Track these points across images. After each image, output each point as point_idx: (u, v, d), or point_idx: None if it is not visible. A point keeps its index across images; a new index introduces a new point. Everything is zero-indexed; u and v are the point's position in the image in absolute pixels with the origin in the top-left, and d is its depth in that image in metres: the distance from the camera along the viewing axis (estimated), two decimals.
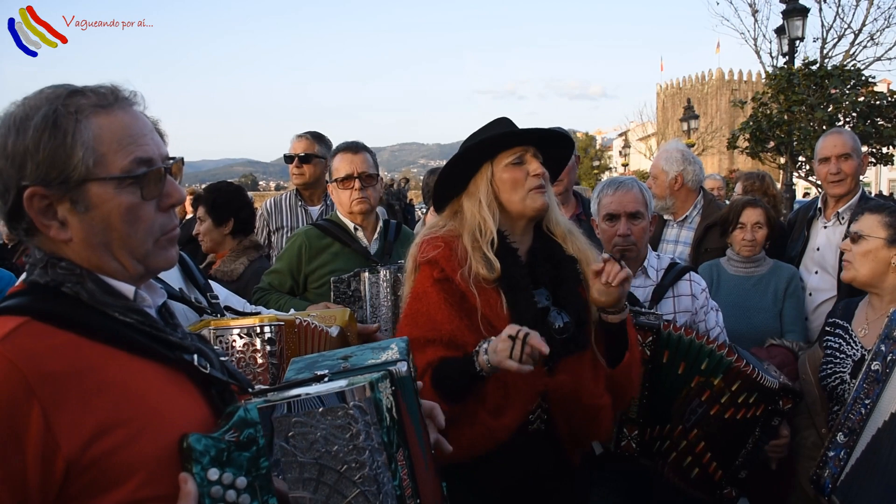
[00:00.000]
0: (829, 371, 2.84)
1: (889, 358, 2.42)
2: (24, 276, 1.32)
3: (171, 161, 1.35)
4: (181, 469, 1.18)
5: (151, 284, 1.43)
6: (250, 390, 1.39)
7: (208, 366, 1.36)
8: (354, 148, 3.54)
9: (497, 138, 2.29)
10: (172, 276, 2.45)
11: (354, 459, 1.29)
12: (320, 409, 1.29)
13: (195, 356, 1.34)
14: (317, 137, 4.66)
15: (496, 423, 2.17)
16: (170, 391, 1.27)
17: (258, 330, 2.24)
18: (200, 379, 1.34)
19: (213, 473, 1.18)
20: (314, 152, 4.60)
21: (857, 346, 2.83)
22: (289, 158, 4.67)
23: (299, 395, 1.31)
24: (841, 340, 2.90)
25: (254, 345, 2.23)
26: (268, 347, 2.24)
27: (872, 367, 2.49)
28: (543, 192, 2.29)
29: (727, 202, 5.80)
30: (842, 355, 2.84)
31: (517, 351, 1.96)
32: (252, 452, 1.23)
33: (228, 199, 4.01)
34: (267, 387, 1.41)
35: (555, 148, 2.41)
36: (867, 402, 2.45)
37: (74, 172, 1.22)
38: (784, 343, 3.34)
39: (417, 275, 2.31)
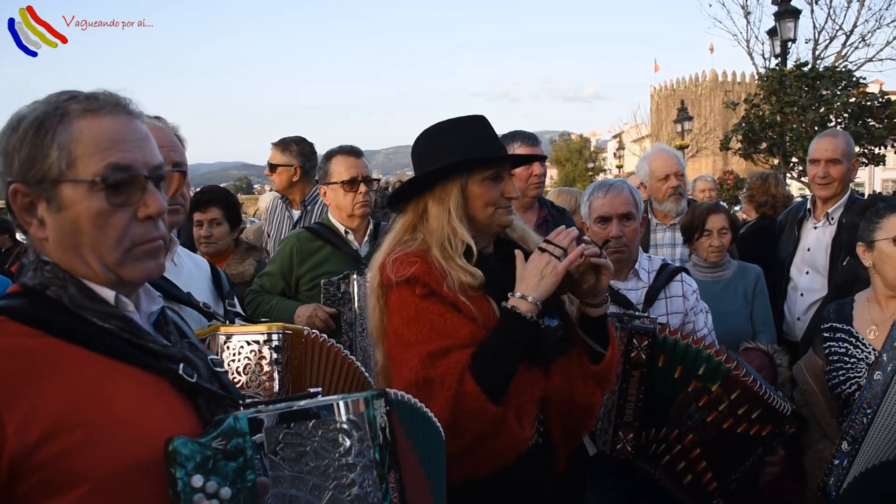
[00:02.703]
0: (841, 378, 2.78)
1: (890, 367, 2.41)
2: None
3: (161, 171, 1.32)
4: (147, 479, 1.15)
5: (149, 290, 1.42)
6: (241, 402, 1.34)
7: (195, 375, 1.33)
8: (356, 152, 3.57)
9: (478, 161, 2.17)
10: (202, 285, 2.50)
11: (345, 476, 1.24)
12: (312, 422, 1.24)
13: (181, 365, 1.31)
14: (281, 145, 4.69)
15: (523, 434, 2.08)
16: (146, 398, 1.24)
17: (266, 337, 2.24)
18: (187, 388, 1.31)
19: (198, 480, 1.14)
20: (278, 161, 4.67)
21: (867, 348, 2.77)
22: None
23: (291, 407, 1.26)
24: (847, 345, 2.83)
25: (261, 352, 2.23)
26: (275, 355, 2.22)
27: (875, 377, 2.46)
28: (510, 211, 2.24)
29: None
30: (852, 360, 2.78)
31: (558, 251, 2.03)
32: (239, 463, 1.19)
33: (238, 205, 4.13)
34: (258, 399, 1.37)
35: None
36: (868, 411, 2.43)
37: (49, 172, 1.23)
38: (759, 346, 3.34)
39: (394, 296, 2.12)
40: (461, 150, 2.16)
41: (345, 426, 1.25)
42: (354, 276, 3.26)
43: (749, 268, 3.88)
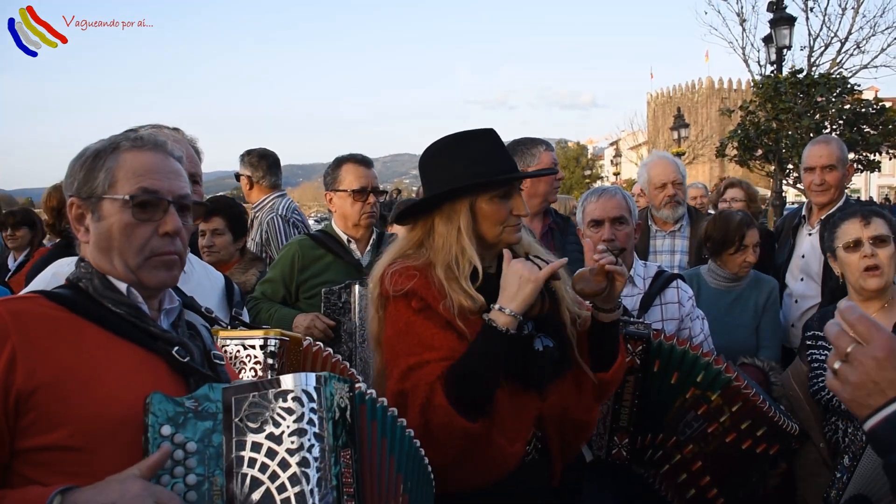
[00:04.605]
0: (821, 384, 2.83)
1: None
2: None
3: (185, 200, 1.61)
4: (126, 433, 1.36)
5: (171, 294, 1.68)
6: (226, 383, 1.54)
7: (188, 358, 1.56)
8: (366, 162, 3.57)
9: (489, 183, 2.13)
10: (212, 293, 2.60)
11: (294, 440, 1.38)
12: (272, 392, 1.40)
13: (176, 347, 1.55)
14: (241, 156, 5.09)
15: (511, 449, 2.06)
16: (139, 371, 1.48)
17: (262, 342, 2.26)
18: (180, 368, 1.55)
19: (167, 430, 1.36)
20: (240, 171, 5.03)
21: None
22: None
23: (259, 380, 1.46)
24: (827, 352, 2.87)
25: (256, 356, 2.25)
26: (269, 360, 2.25)
27: None
28: (519, 228, 2.21)
29: (712, 211, 5.79)
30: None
31: (540, 262, 2.03)
32: (208, 425, 1.39)
33: (243, 215, 4.13)
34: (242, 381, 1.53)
35: None
36: None
37: (96, 190, 1.55)
38: (756, 362, 3.32)
39: (390, 308, 2.12)
40: (471, 169, 2.14)
41: (298, 395, 1.40)
42: (356, 285, 3.26)
43: (764, 280, 3.81)
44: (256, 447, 1.37)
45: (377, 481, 1.62)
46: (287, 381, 1.41)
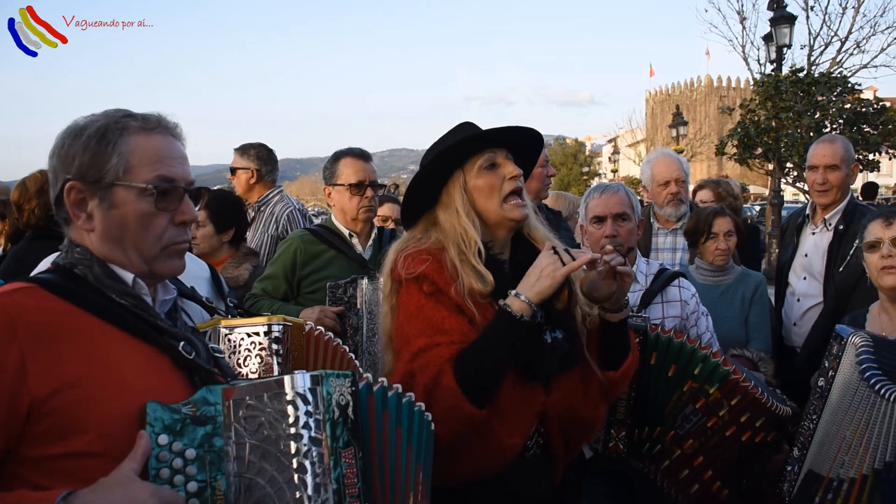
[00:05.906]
0: None
1: (830, 374, 2.43)
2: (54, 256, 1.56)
3: (195, 187, 1.56)
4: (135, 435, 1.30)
5: (165, 283, 1.61)
6: (230, 380, 1.49)
7: (193, 354, 1.50)
8: (365, 155, 3.54)
9: (463, 143, 2.16)
10: (202, 283, 2.58)
11: (290, 444, 1.35)
12: (268, 395, 1.37)
13: (181, 343, 1.48)
14: (241, 150, 4.89)
15: (510, 440, 2.05)
16: (146, 368, 1.42)
17: (266, 329, 2.26)
18: (185, 365, 1.48)
19: (163, 439, 1.31)
20: (237, 165, 4.86)
21: None
22: None
23: (256, 381, 1.41)
24: None
25: (261, 343, 2.25)
26: (274, 346, 2.25)
27: (819, 383, 2.50)
28: (523, 203, 2.19)
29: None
30: None
31: (567, 257, 2.00)
32: (208, 429, 1.35)
33: (233, 207, 3.99)
34: (245, 379, 1.50)
35: (524, 144, 2.31)
36: (814, 417, 2.46)
37: (107, 175, 1.44)
38: (745, 353, 3.35)
39: (402, 292, 2.12)
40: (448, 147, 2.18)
41: (292, 398, 1.36)
42: (363, 280, 3.23)
43: (751, 275, 3.87)
44: (255, 451, 1.34)
45: (391, 474, 1.59)
46: (282, 383, 1.38)
